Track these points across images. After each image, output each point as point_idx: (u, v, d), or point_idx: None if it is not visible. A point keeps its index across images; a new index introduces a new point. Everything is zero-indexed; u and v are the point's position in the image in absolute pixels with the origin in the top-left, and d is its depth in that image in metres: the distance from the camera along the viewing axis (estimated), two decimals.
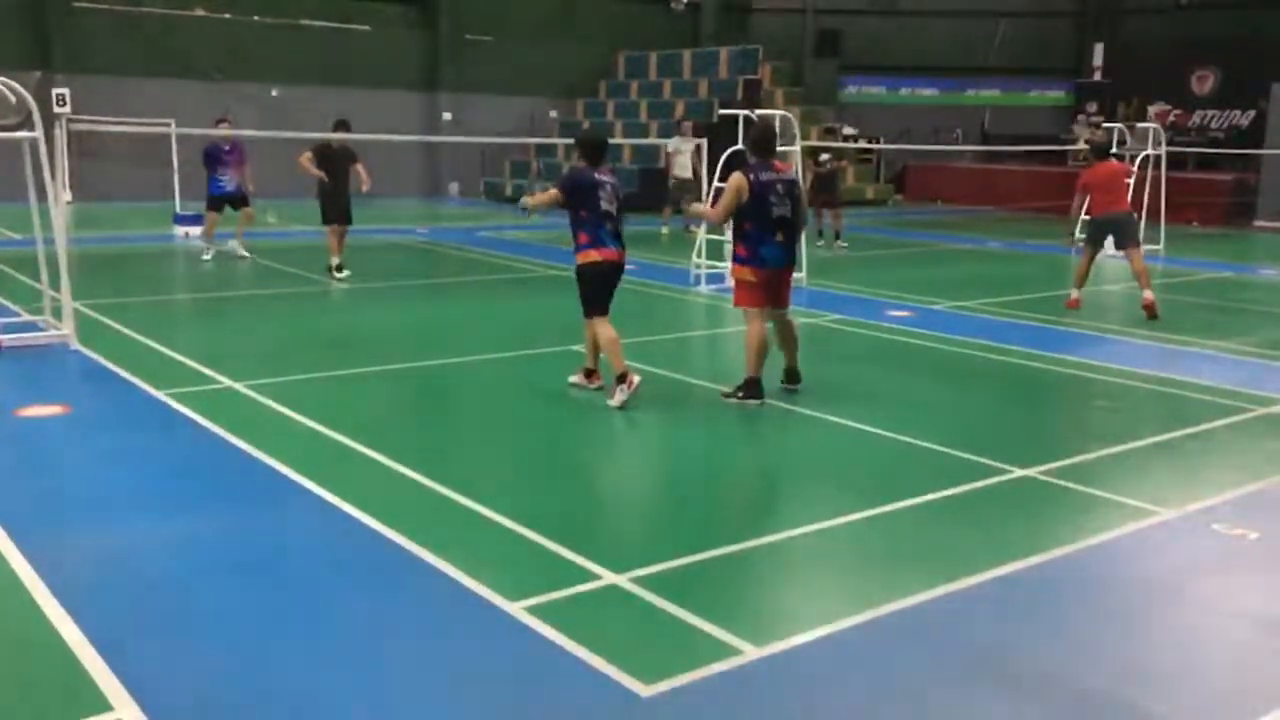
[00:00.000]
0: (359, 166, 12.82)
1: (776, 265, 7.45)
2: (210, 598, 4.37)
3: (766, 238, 7.35)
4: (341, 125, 12.98)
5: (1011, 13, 31.23)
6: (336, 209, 12.71)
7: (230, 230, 14.67)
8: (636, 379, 7.30)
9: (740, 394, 7.47)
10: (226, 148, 14.04)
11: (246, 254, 14.39)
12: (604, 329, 7.39)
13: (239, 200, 14.29)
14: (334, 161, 12.61)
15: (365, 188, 12.82)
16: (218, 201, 14.20)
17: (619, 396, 7.26)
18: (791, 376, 7.86)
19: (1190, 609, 4.59)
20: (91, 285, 11.30)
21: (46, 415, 6.88)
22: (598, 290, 7.42)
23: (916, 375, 8.60)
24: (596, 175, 7.38)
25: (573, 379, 7.82)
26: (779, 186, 7.36)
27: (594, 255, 7.33)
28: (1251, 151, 23.91)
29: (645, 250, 16.83)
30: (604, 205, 7.32)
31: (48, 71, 22.07)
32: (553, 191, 7.51)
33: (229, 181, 14.07)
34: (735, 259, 7.57)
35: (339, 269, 12.86)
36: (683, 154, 18.56)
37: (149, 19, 23.46)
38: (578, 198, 7.35)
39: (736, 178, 7.38)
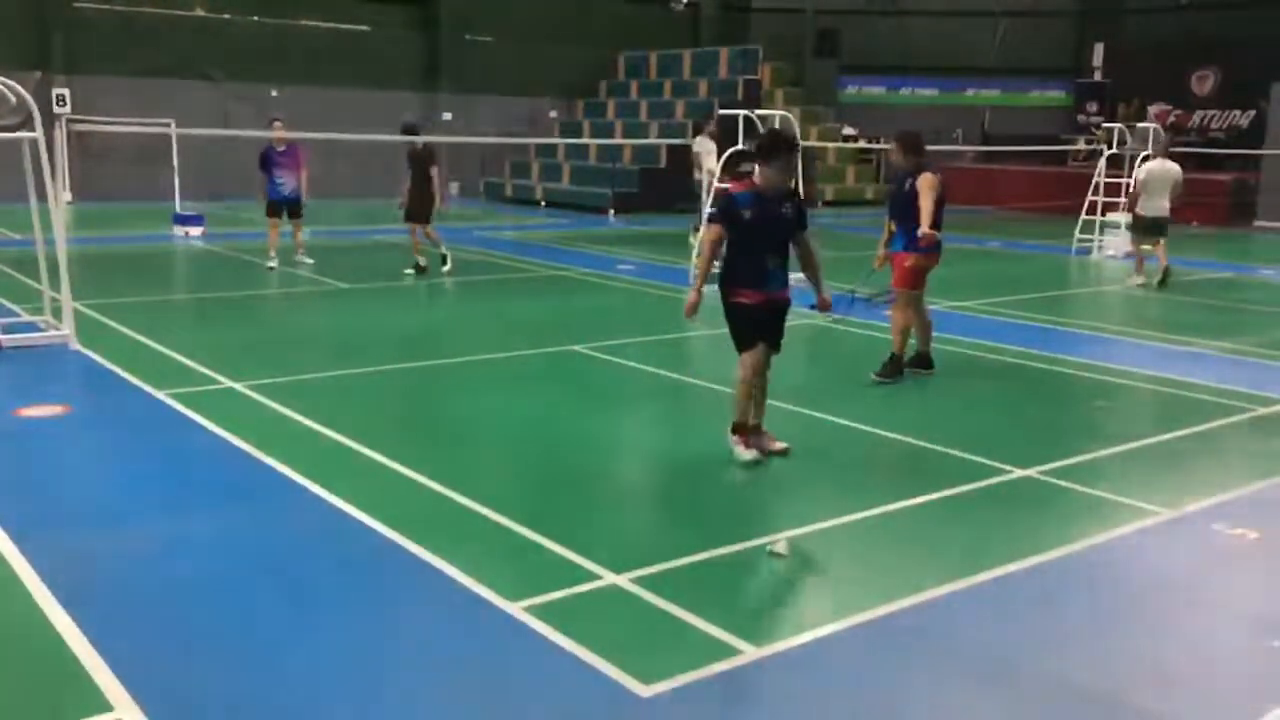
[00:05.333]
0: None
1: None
2: (210, 598, 4.36)
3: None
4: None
5: (1011, 13, 31.22)
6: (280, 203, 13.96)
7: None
8: (751, 451, 6.05)
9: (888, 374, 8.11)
10: (281, 149, 13.84)
11: (310, 260, 14.04)
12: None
13: (295, 206, 13.98)
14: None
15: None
16: (275, 206, 13.89)
17: (740, 450, 6.10)
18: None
19: (1190, 609, 4.59)
20: (91, 285, 11.29)
21: (46, 415, 6.87)
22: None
23: (916, 375, 8.59)
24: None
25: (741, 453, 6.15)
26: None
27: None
28: (1251, 152, 23.91)
29: (645, 250, 16.83)
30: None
31: (48, 71, 22.07)
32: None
33: (285, 184, 13.80)
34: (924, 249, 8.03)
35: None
36: (706, 158, 17.85)
37: (149, 19, 23.46)
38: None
39: (936, 178, 7.87)
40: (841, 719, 3.66)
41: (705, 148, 18.27)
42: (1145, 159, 14.78)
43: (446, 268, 13.51)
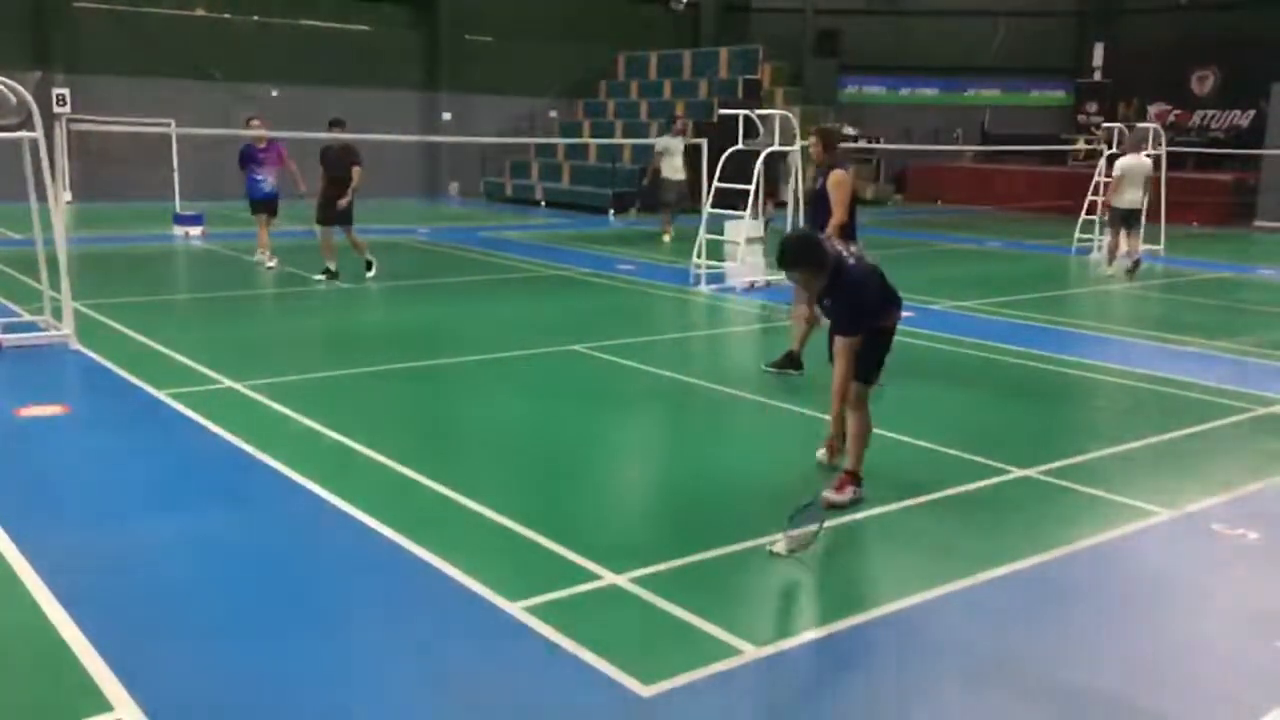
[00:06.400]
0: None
1: None
2: (210, 597, 4.37)
3: None
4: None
5: (1011, 13, 31.22)
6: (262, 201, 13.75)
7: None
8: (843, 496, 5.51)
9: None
10: (262, 146, 13.55)
11: (271, 263, 13.59)
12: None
13: (274, 204, 13.70)
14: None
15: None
16: (258, 205, 13.68)
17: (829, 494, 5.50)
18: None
19: (1190, 609, 4.59)
20: (91, 285, 11.29)
21: (46, 415, 6.87)
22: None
23: (916, 375, 8.58)
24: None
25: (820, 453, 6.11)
26: None
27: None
28: (1252, 152, 23.91)
29: (646, 250, 16.83)
30: None
31: (48, 71, 22.06)
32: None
33: (266, 181, 13.53)
34: None
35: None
36: (673, 155, 17.99)
37: (149, 19, 23.46)
38: None
39: (846, 175, 8.08)
40: (841, 718, 3.66)
41: (666, 146, 18.26)
42: (1122, 154, 15.21)
43: (320, 278, 12.61)
